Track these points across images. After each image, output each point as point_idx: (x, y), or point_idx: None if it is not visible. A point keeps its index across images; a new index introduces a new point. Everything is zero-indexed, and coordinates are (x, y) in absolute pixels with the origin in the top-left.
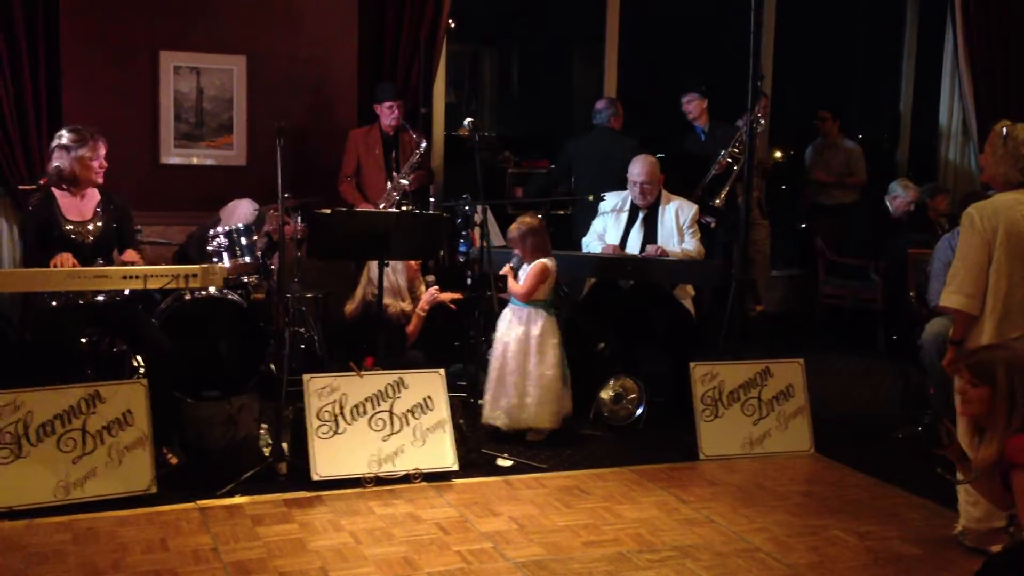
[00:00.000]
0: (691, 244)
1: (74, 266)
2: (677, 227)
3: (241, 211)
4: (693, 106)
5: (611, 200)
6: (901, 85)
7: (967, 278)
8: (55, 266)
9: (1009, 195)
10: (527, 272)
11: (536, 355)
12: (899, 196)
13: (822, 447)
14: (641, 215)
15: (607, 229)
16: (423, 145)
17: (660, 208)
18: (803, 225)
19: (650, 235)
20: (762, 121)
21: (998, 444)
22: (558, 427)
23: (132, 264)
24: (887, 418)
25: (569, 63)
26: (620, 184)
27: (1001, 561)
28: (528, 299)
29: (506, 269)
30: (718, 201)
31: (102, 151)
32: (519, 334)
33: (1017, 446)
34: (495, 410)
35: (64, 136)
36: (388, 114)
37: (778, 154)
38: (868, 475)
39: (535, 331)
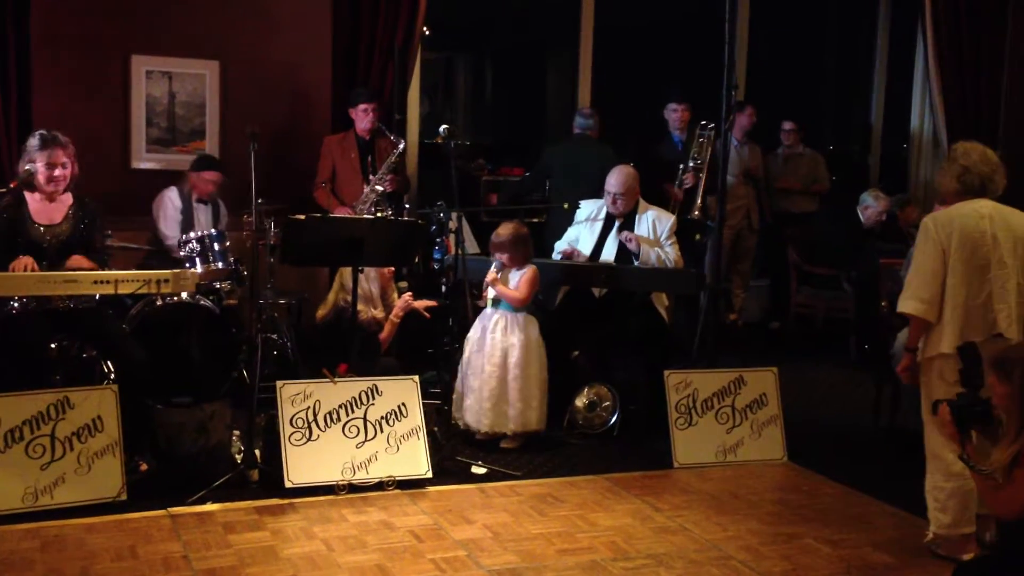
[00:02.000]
0: (671, 252)
1: (32, 269)
2: (655, 237)
3: (167, 201)
4: (685, 116)
5: (586, 208)
6: (872, 96)
7: (923, 285)
8: (13, 270)
9: (963, 205)
10: (520, 278)
11: (537, 359)
12: (870, 206)
13: (795, 455)
14: (618, 223)
15: (580, 237)
16: (401, 146)
17: (637, 217)
18: (780, 231)
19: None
20: (732, 136)
21: (1011, 448)
22: (532, 431)
23: (79, 269)
24: (859, 427)
25: (543, 71)
26: (596, 192)
27: (971, 570)
28: (526, 304)
29: (492, 275)
30: (696, 212)
31: (62, 158)
32: (522, 340)
33: None
34: (499, 417)
35: (29, 140)
36: (364, 117)
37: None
38: (840, 483)
39: (533, 335)
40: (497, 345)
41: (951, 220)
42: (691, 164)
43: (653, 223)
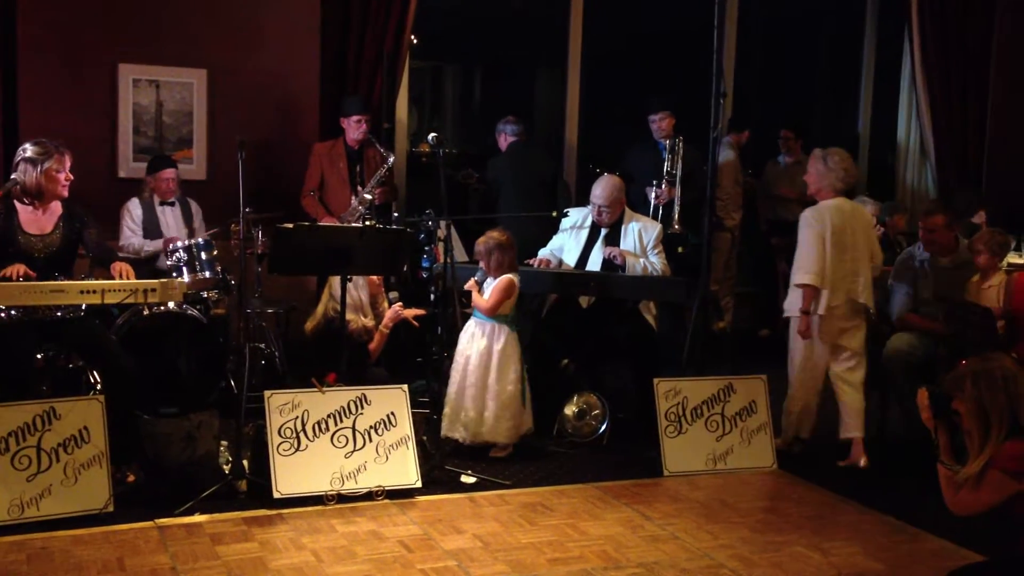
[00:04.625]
0: (657, 261)
1: (26, 275)
2: (641, 247)
3: (124, 213)
4: (666, 124)
5: (573, 216)
6: (860, 106)
7: (813, 262)
8: (6, 276)
9: (831, 202)
10: (493, 286)
11: (497, 370)
12: None
13: (784, 463)
14: (603, 232)
15: (565, 246)
16: (390, 160)
17: (622, 228)
18: (771, 239)
19: None
20: (729, 149)
21: (980, 458)
22: (516, 442)
23: (123, 276)
24: None
25: (532, 80)
26: (551, 196)
27: (966, 574)
28: (493, 313)
29: (471, 283)
30: (676, 227)
31: (68, 164)
32: (481, 348)
33: (1006, 453)
34: (455, 423)
35: (29, 149)
36: (356, 128)
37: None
38: (830, 491)
39: (497, 346)
40: (461, 352)
41: (823, 214)
42: (666, 178)
43: (639, 233)
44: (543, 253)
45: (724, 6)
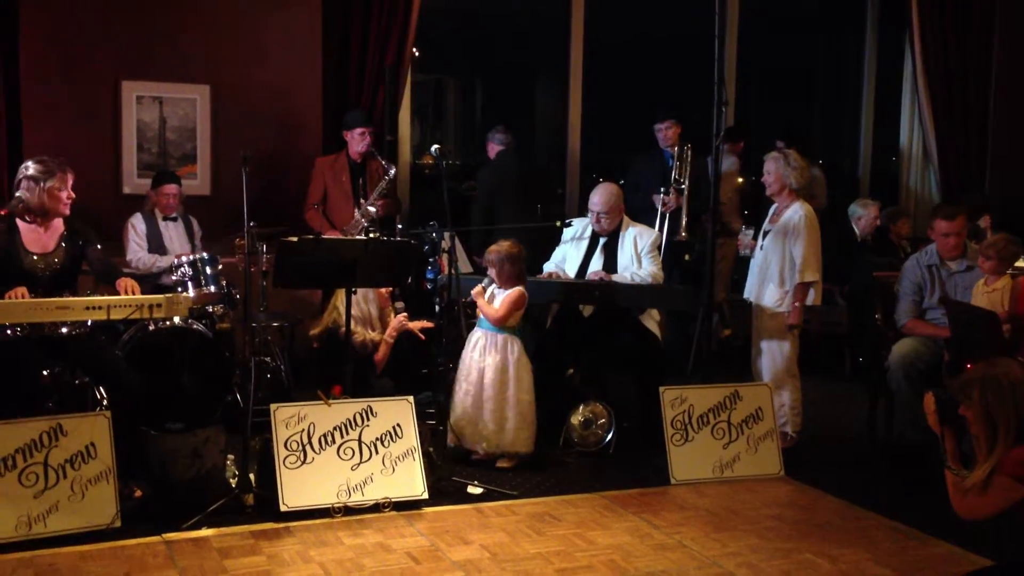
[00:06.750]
0: (648, 267)
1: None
2: (636, 253)
3: (129, 228)
4: (671, 132)
5: (575, 227)
6: (862, 110)
7: (818, 260)
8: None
9: (802, 202)
10: (503, 297)
11: (515, 382)
12: (862, 216)
13: (791, 470)
14: (602, 241)
15: (567, 256)
16: (392, 172)
17: (620, 235)
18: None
19: (610, 262)
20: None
21: (987, 463)
22: (533, 450)
23: (129, 292)
24: (855, 440)
25: (533, 91)
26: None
27: None
28: (501, 324)
29: (477, 290)
30: (683, 234)
31: (70, 182)
32: (497, 361)
33: (1013, 458)
34: (474, 437)
35: (31, 167)
36: (359, 140)
37: (739, 180)
38: (837, 497)
39: (512, 357)
40: (474, 365)
41: (814, 212)
42: (673, 186)
43: (635, 239)
44: (548, 267)
45: (724, 16)
